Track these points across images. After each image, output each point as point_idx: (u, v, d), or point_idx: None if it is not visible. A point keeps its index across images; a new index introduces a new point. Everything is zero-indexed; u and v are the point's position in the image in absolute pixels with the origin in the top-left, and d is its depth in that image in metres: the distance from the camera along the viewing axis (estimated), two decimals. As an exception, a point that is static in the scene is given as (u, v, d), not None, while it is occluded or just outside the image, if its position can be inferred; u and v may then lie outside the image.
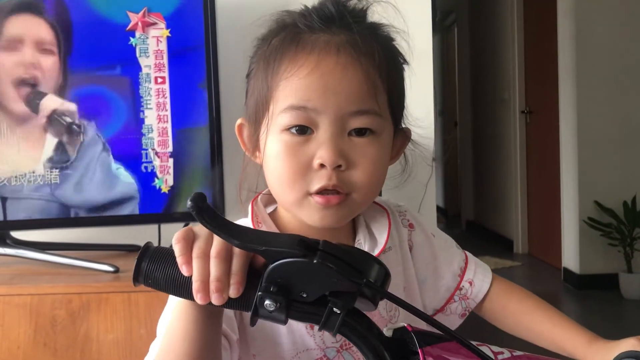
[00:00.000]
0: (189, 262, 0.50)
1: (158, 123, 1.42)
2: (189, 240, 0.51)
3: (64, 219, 1.41)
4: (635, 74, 3.70)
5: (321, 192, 0.64)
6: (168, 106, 1.42)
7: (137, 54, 1.40)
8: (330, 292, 0.49)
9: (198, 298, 0.50)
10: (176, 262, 0.51)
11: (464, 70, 6.15)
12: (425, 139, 1.76)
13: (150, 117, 1.41)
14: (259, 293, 0.49)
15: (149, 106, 1.41)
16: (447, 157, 6.66)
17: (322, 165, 0.63)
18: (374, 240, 0.73)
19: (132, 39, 1.39)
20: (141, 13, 1.39)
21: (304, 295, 0.49)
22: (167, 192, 1.43)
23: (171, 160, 1.43)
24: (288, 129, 0.64)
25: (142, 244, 1.70)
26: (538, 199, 4.63)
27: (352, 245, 0.61)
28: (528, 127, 4.74)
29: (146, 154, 1.42)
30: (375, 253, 0.71)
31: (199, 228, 0.52)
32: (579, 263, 3.78)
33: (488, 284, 0.79)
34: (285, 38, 0.66)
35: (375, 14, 0.70)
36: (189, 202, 0.49)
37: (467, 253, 0.83)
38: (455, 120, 6.42)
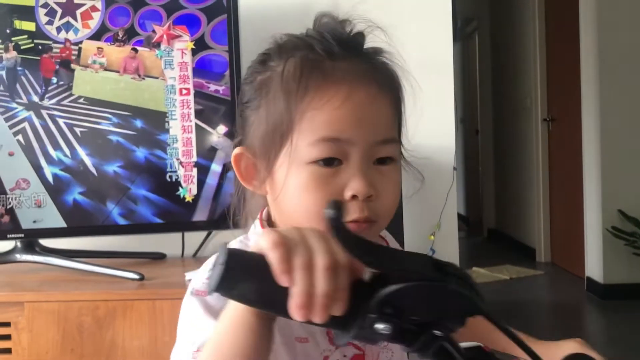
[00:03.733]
0: (289, 271, 0.45)
1: (182, 133, 1.45)
2: (287, 247, 0.46)
3: (91, 227, 1.44)
4: (659, 81, 3.65)
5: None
6: (192, 117, 1.45)
7: (162, 66, 1.43)
8: (439, 317, 0.46)
9: (299, 314, 0.45)
10: (267, 271, 0.45)
11: (485, 77, 6.12)
12: (446, 149, 1.78)
13: (175, 127, 1.44)
14: (372, 315, 0.45)
15: (173, 117, 1.44)
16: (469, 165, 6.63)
17: (353, 197, 0.62)
18: None
19: (157, 51, 1.43)
20: (166, 26, 1.42)
21: (414, 319, 0.45)
22: (191, 201, 1.46)
23: (195, 170, 1.45)
24: (315, 161, 0.62)
25: (166, 251, 1.72)
26: (561, 207, 4.58)
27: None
28: (550, 135, 4.70)
29: (171, 163, 1.45)
30: None
31: (295, 233, 0.48)
32: (603, 272, 3.73)
33: None
34: (303, 65, 0.63)
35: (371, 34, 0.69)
36: (329, 211, 0.44)
37: None
38: (476, 128, 6.38)
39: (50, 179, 1.41)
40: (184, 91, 1.44)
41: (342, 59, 0.63)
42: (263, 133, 0.65)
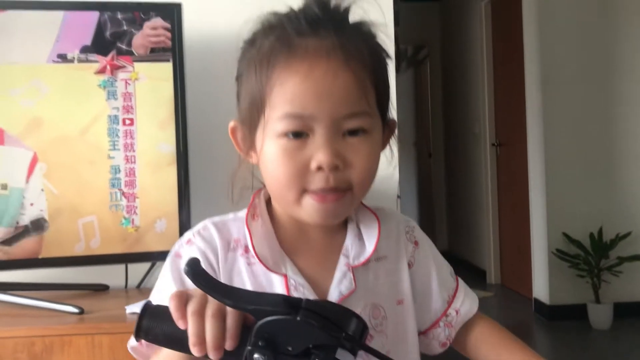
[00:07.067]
0: (183, 316, 0.55)
1: (126, 164, 1.44)
2: (182, 298, 0.56)
3: (29, 260, 1.41)
4: (599, 110, 3.82)
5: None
6: (135, 147, 1.44)
7: (105, 97, 1.42)
8: (313, 345, 0.54)
9: (195, 350, 0.55)
10: (172, 319, 0.56)
11: (436, 103, 6.27)
12: (389, 178, 1.80)
13: (118, 157, 1.43)
14: (249, 347, 0.54)
15: (116, 147, 1.43)
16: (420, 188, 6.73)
17: (319, 168, 0.65)
18: (363, 247, 0.74)
19: (100, 82, 1.42)
20: (110, 56, 1.42)
21: (290, 349, 0.54)
22: (134, 232, 1.44)
23: (138, 201, 1.44)
24: (284, 134, 0.66)
25: (108, 282, 1.68)
26: (509, 230, 4.70)
27: (334, 302, 0.62)
28: (499, 159, 4.84)
29: (114, 194, 1.43)
30: (362, 260, 0.73)
31: (192, 290, 0.57)
32: (549, 294, 3.83)
33: (472, 313, 0.81)
34: (275, 43, 0.67)
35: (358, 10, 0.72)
36: (185, 267, 0.55)
37: (460, 281, 0.84)
38: (429, 151, 6.53)
39: (-14, 210, 1.37)
40: (127, 121, 1.43)
41: (309, 35, 0.66)
42: (246, 106, 0.70)
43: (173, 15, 1.45)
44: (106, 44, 1.42)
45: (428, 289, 0.79)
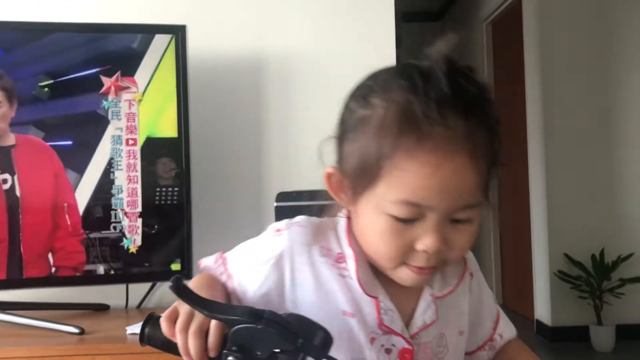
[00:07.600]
0: (173, 335, 0.65)
1: (128, 184, 1.44)
2: (172, 318, 0.66)
3: (29, 279, 1.40)
4: (601, 130, 3.83)
5: None
6: (138, 167, 1.45)
7: (109, 117, 1.43)
8: (281, 350, 0.61)
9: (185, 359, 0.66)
10: None
11: (437, 122, 6.29)
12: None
13: (120, 177, 1.44)
14: (224, 351, 0.63)
15: (119, 167, 1.44)
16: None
17: (424, 251, 0.66)
18: (445, 279, 0.76)
19: (104, 102, 1.43)
20: (114, 77, 1.43)
21: (258, 353, 0.62)
22: (135, 252, 1.44)
23: (140, 221, 1.44)
24: (394, 216, 0.65)
25: (109, 302, 1.68)
26: (511, 251, 4.69)
27: (300, 315, 0.65)
28: (499, 178, 4.83)
29: (115, 214, 1.44)
30: (446, 292, 0.75)
31: (180, 306, 0.66)
32: (551, 315, 3.81)
33: (511, 338, 0.85)
34: (401, 121, 0.63)
35: None
36: (170, 284, 0.63)
37: (498, 307, 0.87)
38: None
39: (-12, 229, 1.37)
40: (131, 142, 1.44)
41: (438, 123, 0.63)
42: (354, 167, 0.68)
43: (177, 37, 1.47)
44: (111, 65, 1.43)
45: (479, 317, 0.82)
